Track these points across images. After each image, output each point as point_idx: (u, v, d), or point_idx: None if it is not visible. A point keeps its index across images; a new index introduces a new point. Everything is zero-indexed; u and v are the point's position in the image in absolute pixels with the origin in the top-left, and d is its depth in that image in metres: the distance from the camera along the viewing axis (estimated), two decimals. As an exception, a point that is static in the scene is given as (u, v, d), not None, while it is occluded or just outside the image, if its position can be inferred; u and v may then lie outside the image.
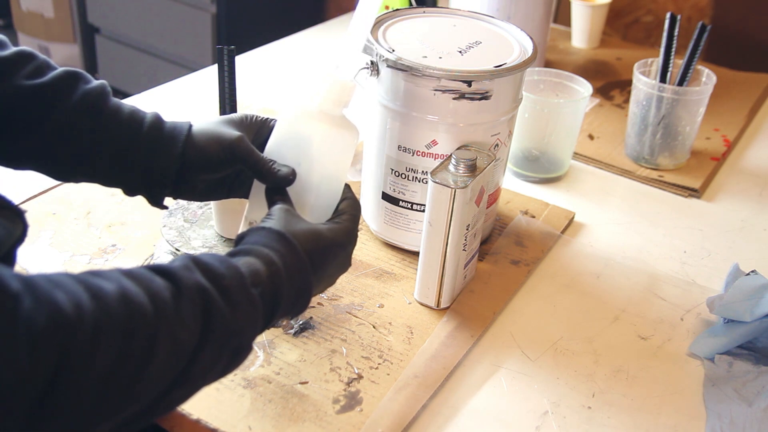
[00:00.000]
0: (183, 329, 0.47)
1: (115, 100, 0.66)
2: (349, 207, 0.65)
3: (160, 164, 0.65)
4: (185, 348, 0.48)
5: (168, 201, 0.69)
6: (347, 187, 0.67)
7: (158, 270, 0.49)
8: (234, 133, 0.65)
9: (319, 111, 0.64)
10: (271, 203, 0.63)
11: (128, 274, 0.47)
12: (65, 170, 0.66)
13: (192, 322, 0.48)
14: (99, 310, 0.43)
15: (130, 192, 0.67)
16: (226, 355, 0.51)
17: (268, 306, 0.54)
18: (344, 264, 0.64)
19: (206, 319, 0.49)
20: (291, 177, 0.63)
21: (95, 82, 0.65)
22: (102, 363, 0.42)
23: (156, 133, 0.65)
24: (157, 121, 0.65)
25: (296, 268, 0.57)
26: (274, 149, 0.66)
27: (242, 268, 0.53)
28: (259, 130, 0.68)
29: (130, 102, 1.16)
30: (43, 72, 0.63)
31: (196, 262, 0.51)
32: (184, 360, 0.48)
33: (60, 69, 0.64)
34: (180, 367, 0.47)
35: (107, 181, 0.66)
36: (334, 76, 0.64)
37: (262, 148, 0.67)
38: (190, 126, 0.66)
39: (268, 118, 0.69)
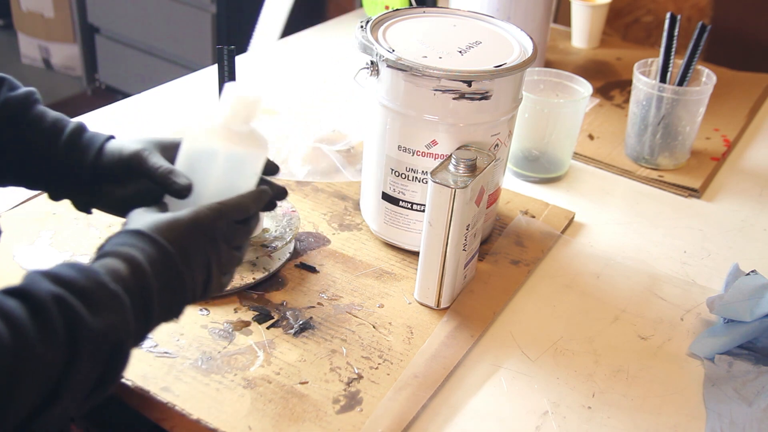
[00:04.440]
0: (46, 345, 0.45)
1: (41, 108, 0.67)
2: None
3: (74, 173, 0.66)
4: (53, 363, 0.45)
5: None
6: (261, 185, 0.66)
7: (7, 291, 0.47)
8: (136, 146, 0.65)
9: (224, 127, 0.63)
10: None
11: None
12: None
13: (54, 336, 0.46)
14: None
15: (54, 197, 0.68)
16: (101, 360, 0.49)
17: (138, 300, 0.52)
18: (214, 246, 0.59)
19: (69, 327, 0.47)
20: (185, 192, 0.61)
21: (21, 90, 0.66)
22: None
23: (73, 142, 0.66)
24: (77, 130, 0.66)
25: (160, 259, 0.55)
26: (180, 165, 0.64)
27: (97, 268, 0.52)
28: (173, 149, 0.66)
29: (130, 102, 1.16)
30: None
31: (45, 274, 0.49)
32: (54, 377, 0.46)
33: None
34: (51, 384, 0.46)
35: (33, 186, 0.68)
36: (237, 91, 0.62)
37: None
38: (108, 138, 0.67)
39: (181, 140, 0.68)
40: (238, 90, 0.62)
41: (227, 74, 0.80)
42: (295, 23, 1.69)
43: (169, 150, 0.66)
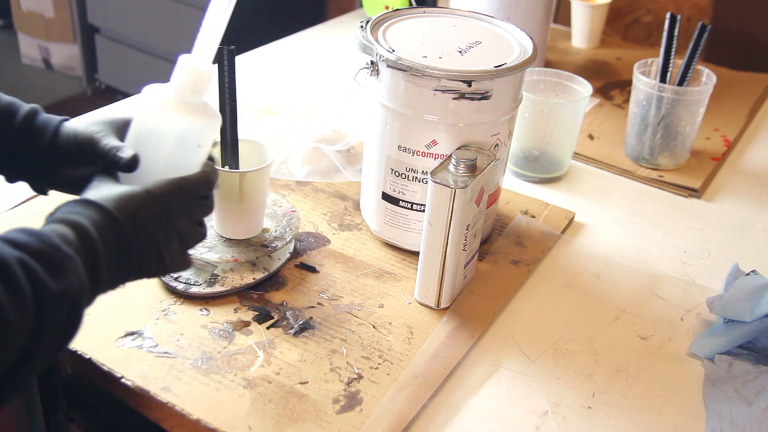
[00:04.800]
0: (17, 309, 0.46)
1: None
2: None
3: (30, 155, 0.66)
4: (23, 326, 0.46)
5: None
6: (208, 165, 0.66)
7: None
8: (90, 129, 0.65)
9: (176, 100, 0.63)
10: None
11: None
12: None
13: (23, 300, 0.47)
14: None
15: (9, 179, 0.69)
16: (62, 320, 0.50)
17: (88, 263, 0.53)
18: (171, 218, 0.60)
19: (34, 290, 0.48)
20: (131, 164, 0.62)
21: None
22: None
23: (27, 125, 0.66)
24: (32, 113, 0.67)
25: (106, 225, 0.55)
26: (130, 140, 0.64)
27: (47, 232, 0.52)
28: (128, 126, 0.67)
29: (130, 102, 1.16)
30: None
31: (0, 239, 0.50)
32: (24, 340, 0.47)
33: None
34: (22, 348, 0.47)
35: None
36: (191, 64, 0.62)
37: None
38: (62, 121, 0.67)
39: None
40: (191, 61, 0.62)
41: (227, 74, 0.80)
42: (295, 23, 1.69)
43: (124, 129, 0.66)
